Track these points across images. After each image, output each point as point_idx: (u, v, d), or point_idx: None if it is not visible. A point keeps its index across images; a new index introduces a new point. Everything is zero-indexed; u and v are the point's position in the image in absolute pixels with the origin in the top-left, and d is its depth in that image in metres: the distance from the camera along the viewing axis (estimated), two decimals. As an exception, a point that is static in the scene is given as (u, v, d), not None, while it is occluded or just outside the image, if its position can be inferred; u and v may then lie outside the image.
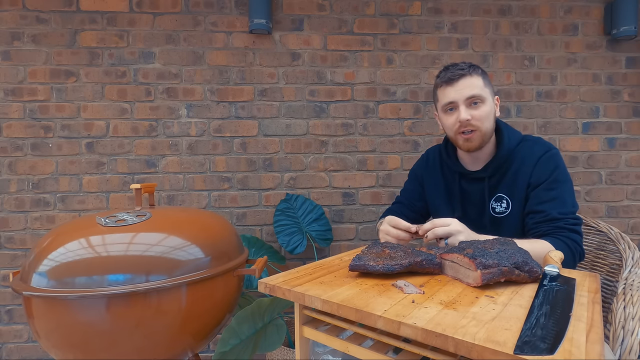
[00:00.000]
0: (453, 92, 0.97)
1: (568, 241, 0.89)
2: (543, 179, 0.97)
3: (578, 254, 0.90)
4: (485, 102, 0.97)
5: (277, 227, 1.62)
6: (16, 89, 1.65)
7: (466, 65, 0.98)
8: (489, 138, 1.01)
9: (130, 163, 1.70)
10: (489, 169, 1.03)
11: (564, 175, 0.98)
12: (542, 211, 0.95)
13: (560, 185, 0.96)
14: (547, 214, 0.94)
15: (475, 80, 0.97)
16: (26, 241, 1.66)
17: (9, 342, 1.67)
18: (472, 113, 0.96)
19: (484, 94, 0.97)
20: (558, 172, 0.97)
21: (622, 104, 1.83)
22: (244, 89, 1.74)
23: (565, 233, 0.90)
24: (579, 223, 0.94)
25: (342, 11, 1.76)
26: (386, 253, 0.78)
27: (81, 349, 0.87)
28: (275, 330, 1.12)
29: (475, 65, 1.00)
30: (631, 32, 1.70)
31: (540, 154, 0.99)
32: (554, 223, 0.92)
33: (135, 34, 1.69)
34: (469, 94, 0.96)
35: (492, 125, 1.01)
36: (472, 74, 0.97)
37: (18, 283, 0.90)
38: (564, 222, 0.92)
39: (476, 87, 0.96)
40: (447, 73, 0.99)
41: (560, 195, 0.95)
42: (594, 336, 0.48)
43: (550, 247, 0.86)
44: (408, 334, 0.52)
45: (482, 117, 0.97)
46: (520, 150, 1.02)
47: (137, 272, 0.87)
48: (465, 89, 0.96)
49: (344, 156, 1.78)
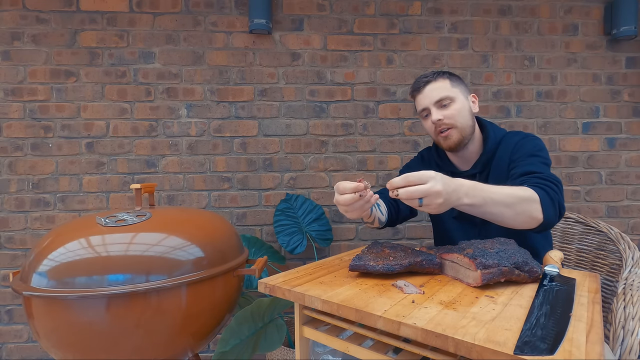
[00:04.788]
0: (423, 99, 1.05)
1: (548, 189, 0.85)
2: (521, 154, 0.99)
3: (557, 202, 0.85)
4: (455, 100, 1.02)
5: (277, 227, 1.62)
6: (16, 89, 1.65)
7: (430, 73, 1.07)
8: (468, 134, 1.04)
9: (130, 163, 1.70)
10: (478, 165, 1.06)
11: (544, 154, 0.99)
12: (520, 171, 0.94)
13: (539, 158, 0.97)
14: (527, 170, 0.93)
15: (440, 84, 1.04)
16: (26, 241, 1.66)
17: (9, 342, 1.67)
18: (444, 113, 1.02)
19: (452, 94, 1.03)
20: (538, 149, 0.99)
21: (622, 104, 1.83)
22: (244, 89, 1.74)
23: (544, 182, 0.87)
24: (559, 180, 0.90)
25: (342, 11, 1.76)
26: (386, 253, 0.78)
27: (81, 349, 0.87)
28: (275, 330, 1.12)
29: (441, 71, 1.07)
30: (631, 32, 1.70)
31: (519, 139, 1.03)
32: (532, 176, 0.90)
33: (135, 34, 1.69)
34: (437, 97, 1.02)
35: (469, 121, 1.04)
36: (436, 79, 1.05)
37: (18, 283, 0.90)
38: (544, 175, 0.89)
39: (443, 90, 1.03)
40: (415, 84, 1.08)
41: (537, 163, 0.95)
42: (594, 336, 0.48)
43: (530, 191, 0.82)
44: (408, 334, 0.52)
45: (454, 115, 1.01)
46: (502, 143, 1.06)
47: (137, 272, 0.87)
48: (433, 92, 1.03)
49: (344, 156, 1.78)
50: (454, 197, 0.74)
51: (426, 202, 0.70)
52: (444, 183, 0.71)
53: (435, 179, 0.69)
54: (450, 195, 0.72)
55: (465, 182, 0.77)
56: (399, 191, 0.71)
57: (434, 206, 0.71)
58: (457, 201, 0.75)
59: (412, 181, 0.70)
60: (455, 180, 0.75)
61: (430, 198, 0.69)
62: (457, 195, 0.74)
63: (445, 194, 0.70)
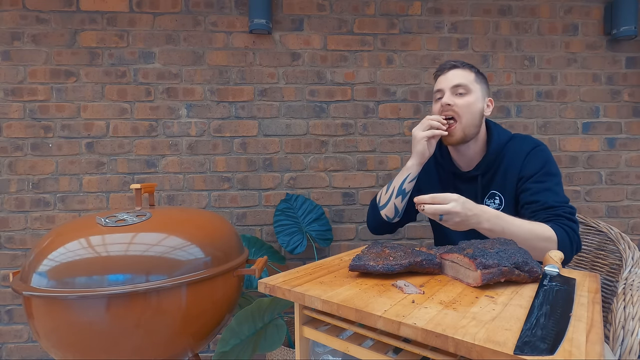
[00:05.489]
0: (443, 80, 1.04)
1: (567, 229, 0.89)
2: (534, 171, 0.99)
3: (575, 243, 0.90)
4: (471, 94, 1.01)
5: (277, 227, 1.62)
6: (16, 89, 1.65)
7: (460, 61, 1.05)
8: (471, 133, 1.02)
9: (130, 163, 1.70)
10: (481, 167, 1.05)
11: (554, 169, 1.00)
12: (537, 201, 0.96)
13: (551, 178, 0.98)
14: (544, 202, 0.95)
15: (465, 73, 1.02)
16: (26, 241, 1.66)
17: (9, 342, 1.67)
18: (455, 100, 1.01)
19: (471, 87, 1.01)
20: (549, 165, 0.99)
21: (622, 104, 1.83)
22: (244, 89, 1.74)
23: (564, 221, 0.91)
24: (574, 212, 0.94)
25: (342, 11, 1.76)
26: (386, 253, 0.78)
27: (81, 349, 0.87)
28: (275, 330, 1.12)
29: (471, 65, 1.05)
30: (631, 32, 1.70)
31: (529, 149, 1.02)
32: (551, 211, 0.93)
33: (135, 34, 1.69)
34: (455, 82, 1.01)
35: (476, 120, 1.02)
36: (464, 67, 1.03)
37: (18, 283, 0.90)
38: (562, 210, 0.92)
39: (464, 79, 1.01)
40: (441, 66, 1.07)
41: (553, 187, 0.97)
42: (594, 336, 0.48)
43: (550, 231, 0.87)
44: (408, 334, 0.52)
45: (464, 107, 1.00)
46: (510, 148, 1.04)
47: (137, 272, 0.87)
48: (454, 77, 1.02)
49: (344, 156, 1.78)
50: (474, 220, 0.84)
51: (446, 219, 0.83)
52: (464, 207, 0.82)
53: (456, 202, 0.81)
54: (469, 218, 0.83)
55: (488, 210, 0.86)
56: (425, 206, 0.83)
57: (451, 223, 0.83)
58: (477, 224, 0.85)
59: (438, 200, 0.82)
60: (478, 206, 0.85)
61: (449, 216, 0.82)
62: (477, 220, 0.84)
63: (463, 216, 0.82)
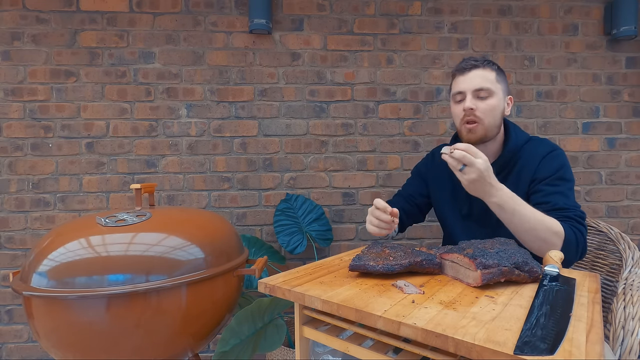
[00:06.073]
0: (463, 81, 1.01)
1: (576, 230, 0.89)
2: (548, 174, 0.98)
3: (581, 246, 0.90)
4: (494, 96, 0.99)
5: (277, 227, 1.62)
6: (16, 89, 1.65)
7: (481, 59, 1.01)
8: (493, 133, 1.01)
9: (130, 163, 1.70)
10: (495, 167, 1.03)
11: (569, 175, 0.99)
12: (548, 202, 0.95)
13: (565, 183, 0.97)
14: (554, 203, 0.94)
15: (486, 73, 0.99)
16: (26, 241, 1.66)
17: (9, 342, 1.67)
18: (478, 104, 0.98)
19: (494, 88, 0.99)
20: (563, 170, 0.98)
21: (622, 104, 1.83)
22: (244, 89, 1.74)
23: (574, 223, 0.91)
24: (584, 217, 0.94)
25: (342, 11, 1.76)
26: (386, 253, 0.78)
27: (81, 349, 0.87)
28: (275, 330, 1.12)
29: (492, 61, 1.02)
30: (631, 32, 1.70)
31: (546, 152, 1.01)
32: (562, 212, 0.92)
33: (135, 34, 1.69)
34: (478, 86, 0.98)
35: (497, 121, 1.01)
36: (485, 67, 1.00)
37: (18, 283, 0.90)
38: (573, 213, 0.92)
39: (486, 80, 0.98)
40: (462, 64, 1.03)
41: (565, 191, 0.97)
42: (594, 336, 0.48)
43: (560, 226, 0.87)
44: (408, 334, 0.52)
45: (486, 110, 0.98)
46: (526, 149, 1.03)
47: (137, 272, 0.87)
48: (475, 79, 0.99)
49: (344, 156, 1.78)
50: (488, 188, 0.85)
51: (465, 171, 0.84)
52: (488, 171, 0.84)
53: (483, 161, 0.83)
54: (485, 182, 0.84)
55: (506, 189, 0.87)
56: (455, 151, 0.83)
57: (468, 177, 0.84)
58: (488, 195, 0.86)
59: (471, 151, 0.83)
60: (499, 182, 0.86)
61: (470, 170, 0.83)
62: (491, 189, 0.85)
63: (481, 177, 0.83)
